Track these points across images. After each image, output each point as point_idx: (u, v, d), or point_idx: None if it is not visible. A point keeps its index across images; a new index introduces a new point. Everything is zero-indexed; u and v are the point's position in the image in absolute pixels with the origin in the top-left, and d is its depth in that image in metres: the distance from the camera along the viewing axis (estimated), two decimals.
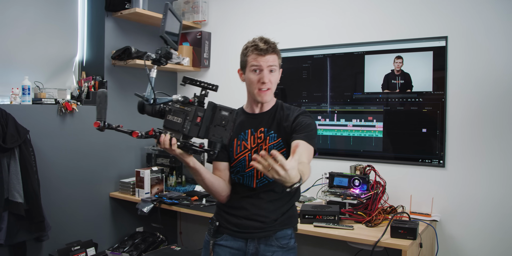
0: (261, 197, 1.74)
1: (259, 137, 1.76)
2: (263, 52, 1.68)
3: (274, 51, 1.72)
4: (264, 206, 1.74)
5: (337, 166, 2.82)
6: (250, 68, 1.71)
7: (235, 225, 1.74)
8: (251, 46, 1.71)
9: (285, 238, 1.77)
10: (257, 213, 1.73)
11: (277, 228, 1.74)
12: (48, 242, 2.79)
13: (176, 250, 2.93)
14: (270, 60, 1.70)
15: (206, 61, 3.60)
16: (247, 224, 1.73)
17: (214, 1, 3.61)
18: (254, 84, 1.71)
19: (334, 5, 3.00)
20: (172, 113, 1.57)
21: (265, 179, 1.73)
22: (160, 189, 3.23)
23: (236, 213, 1.75)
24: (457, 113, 2.57)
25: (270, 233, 1.73)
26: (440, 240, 2.57)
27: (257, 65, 1.68)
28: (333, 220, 2.38)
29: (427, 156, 2.66)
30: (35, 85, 2.85)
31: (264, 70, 1.69)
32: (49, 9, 3.07)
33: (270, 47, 1.70)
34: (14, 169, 2.51)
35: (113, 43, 3.25)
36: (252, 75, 1.71)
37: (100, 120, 1.51)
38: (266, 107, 1.81)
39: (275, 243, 1.74)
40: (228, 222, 1.76)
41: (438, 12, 2.61)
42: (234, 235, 1.75)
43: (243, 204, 1.75)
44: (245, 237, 1.74)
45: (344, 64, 2.95)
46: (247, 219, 1.73)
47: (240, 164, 1.76)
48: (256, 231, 1.72)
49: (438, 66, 2.61)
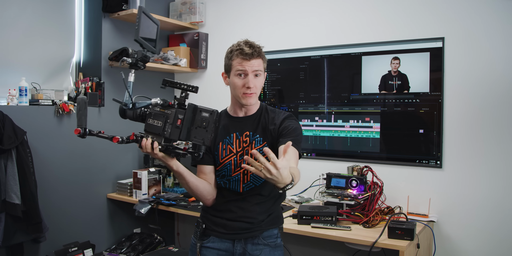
0: (248, 201, 1.75)
1: (244, 141, 1.75)
2: (248, 56, 1.66)
3: (259, 55, 1.69)
4: (251, 209, 1.74)
5: (334, 167, 2.83)
6: (235, 72, 1.69)
7: (222, 226, 1.75)
8: (236, 50, 1.68)
9: (272, 237, 1.78)
10: (244, 215, 1.74)
11: (264, 228, 1.76)
12: (45, 244, 2.78)
13: (173, 251, 2.93)
14: (255, 64, 1.68)
15: (203, 62, 3.60)
16: (234, 225, 1.73)
17: (211, 2, 3.61)
18: (239, 88, 1.68)
19: (331, 6, 3.01)
20: (153, 117, 1.55)
21: (252, 184, 1.73)
22: (157, 190, 3.23)
23: (223, 215, 1.76)
24: (454, 114, 2.58)
25: (257, 233, 1.74)
26: (438, 241, 2.57)
27: (242, 69, 1.66)
28: (331, 221, 2.38)
29: (424, 157, 2.67)
30: (32, 86, 2.85)
31: (249, 75, 1.67)
32: (46, 10, 3.07)
33: (255, 51, 1.67)
34: (11, 170, 2.50)
35: (110, 44, 3.25)
36: (237, 79, 1.68)
37: (81, 127, 1.50)
38: (251, 111, 1.79)
39: (262, 241, 1.75)
40: (214, 224, 1.76)
41: (435, 13, 2.62)
42: (221, 236, 1.75)
43: (230, 207, 1.75)
44: (232, 238, 1.74)
45: (341, 65, 2.96)
46: (234, 220, 1.74)
47: (226, 168, 1.76)
48: (243, 231, 1.73)
49: (435, 67, 2.62)
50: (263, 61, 1.72)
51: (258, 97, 1.77)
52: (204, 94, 3.64)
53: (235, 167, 1.74)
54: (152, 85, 3.62)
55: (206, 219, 1.80)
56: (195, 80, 3.72)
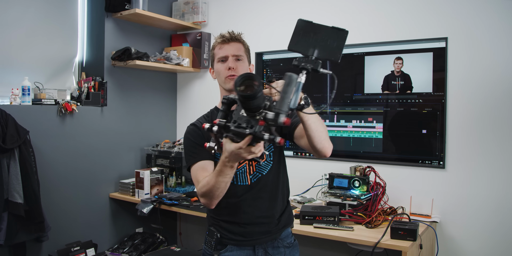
0: (260, 196, 1.69)
1: None
2: (226, 39, 1.68)
3: (239, 40, 1.71)
4: (263, 206, 1.69)
5: (337, 167, 2.82)
6: (217, 59, 1.70)
7: (240, 234, 1.68)
8: (216, 38, 1.72)
9: (288, 237, 1.77)
10: (259, 215, 1.68)
11: (281, 229, 1.73)
12: (47, 243, 2.79)
13: (175, 250, 2.93)
14: (235, 47, 1.69)
15: (206, 62, 3.60)
16: (253, 231, 1.67)
17: (214, 2, 3.61)
18: (222, 72, 1.68)
19: (333, 6, 3.00)
20: None
21: (258, 173, 1.69)
22: (159, 189, 3.23)
23: (237, 220, 1.68)
24: (457, 114, 2.57)
25: (276, 235, 1.71)
26: (440, 241, 2.56)
27: (223, 55, 1.68)
28: (333, 221, 2.38)
29: (427, 157, 2.66)
30: (35, 85, 2.85)
31: (230, 58, 1.67)
32: (49, 10, 3.07)
33: (233, 35, 1.69)
34: (14, 169, 2.50)
35: (113, 44, 3.25)
36: (219, 65, 1.69)
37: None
38: None
39: (281, 243, 1.72)
40: (231, 232, 1.68)
41: (438, 13, 2.61)
42: (240, 244, 1.68)
43: (242, 207, 1.68)
44: (253, 244, 1.68)
45: (344, 65, 2.95)
46: (251, 224, 1.68)
47: None
48: (262, 236, 1.68)
49: (438, 67, 2.62)
50: (244, 47, 1.73)
51: None
52: (206, 94, 3.66)
53: None
54: (155, 84, 3.63)
55: (220, 227, 1.71)
56: (197, 80, 3.72)
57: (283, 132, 1.68)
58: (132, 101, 3.44)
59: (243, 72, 1.53)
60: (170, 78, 3.79)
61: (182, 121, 3.83)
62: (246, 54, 1.75)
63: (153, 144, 3.56)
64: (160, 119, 3.70)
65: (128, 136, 3.41)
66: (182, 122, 3.82)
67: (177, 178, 3.35)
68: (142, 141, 3.53)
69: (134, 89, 3.46)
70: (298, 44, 1.40)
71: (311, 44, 1.39)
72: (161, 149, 3.42)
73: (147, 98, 3.56)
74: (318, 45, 1.40)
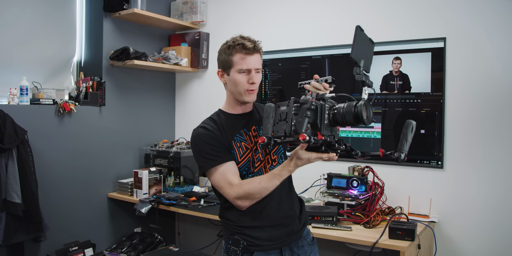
0: (280, 197, 1.68)
1: (254, 135, 1.71)
2: (250, 50, 1.62)
3: (259, 50, 1.67)
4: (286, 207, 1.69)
5: (335, 167, 2.82)
6: (237, 70, 1.64)
7: (266, 239, 1.64)
8: (237, 45, 1.63)
9: (308, 234, 1.80)
10: (283, 216, 1.67)
11: (302, 227, 1.74)
12: (46, 243, 2.79)
13: (174, 250, 2.92)
14: (257, 60, 1.65)
15: (204, 62, 3.60)
16: (278, 234, 1.65)
17: (212, 2, 3.61)
18: (243, 84, 1.64)
19: (332, 6, 3.00)
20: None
21: None
22: (158, 189, 3.23)
23: (262, 224, 1.65)
24: (456, 114, 2.57)
25: (299, 234, 1.72)
26: (438, 242, 2.57)
27: (247, 67, 1.63)
28: (331, 221, 2.38)
29: (425, 157, 2.66)
30: (33, 85, 2.85)
31: (253, 71, 1.64)
32: (47, 9, 3.07)
33: (255, 45, 1.65)
34: (12, 169, 2.50)
35: (111, 44, 3.25)
36: (240, 76, 1.64)
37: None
38: (249, 107, 1.77)
39: (305, 242, 1.74)
40: (257, 239, 1.64)
41: (437, 13, 2.62)
42: (267, 249, 1.65)
43: (268, 210, 1.65)
44: (279, 246, 1.67)
45: (342, 65, 2.96)
46: (274, 226, 1.66)
47: (246, 166, 1.68)
48: (288, 237, 1.68)
49: (436, 67, 2.62)
50: (261, 56, 1.71)
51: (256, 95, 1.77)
52: (205, 93, 3.66)
53: (253, 163, 1.68)
54: (153, 84, 3.63)
55: (244, 235, 1.65)
56: (196, 79, 3.72)
57: None
58: (130, 101, 3.44)
59: (259, 83, 1.68)
60: (168, 78, 3.79)
61: (180, 121, 3.82)
62: (261, 62, 1.72)
63: (152, 144, 3.56)
64: (159, 119, 3.70)
65: (127, 136, 3.41)
66: (181, 122, 3.82)
67: (175, 178, 3.34)
68: (141, 141, 3.53)
69: (133, 89, 3.46)
70: (357, 53, 1.42)
71: (361, 55, 1.44)
72: (159, 149, 3.41)
73: (146, 98, 3.56)
74: (364, 56, 1.44)
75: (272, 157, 1.72)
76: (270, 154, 1.72)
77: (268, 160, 1.71)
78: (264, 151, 1.70)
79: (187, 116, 3.77)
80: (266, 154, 1.71)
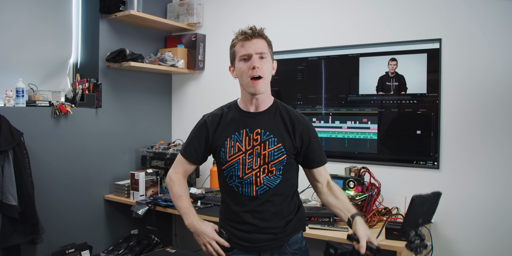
0: (266, 208, 1.64)
1: (255, 139, 1.63)
2: (249, 35, 1.56)
3: (262, 36, 1.60)
4: (270, 219, 1.65)
5: (331, 168, 2.81)
6: (239, 58, 1.59)
7: (246, 240, 1.66)
8: (238, 35, 1.61)
9: (297, 242, 1.72)
10: (265, 226, 1.64)
11: (288, 235, 1.69)
12: (42, 245, 2.77)
13: (171, 252, 2.92)
14: (259, 45, 1.57)
15: (200, 63, 3.60)
16: (258, 238, 1.64)
17: (208, 3, 3.62)
18: (246, 72, 1.57)
19: (328, 7, 3.01)
20: None
21: (266, 186, 1.64)
22: (155, 191, 3.22)
23: (244, 228, 1.66)
24: (452, 115, 2.58)
25: (282, 242, 1.68)
26: (435, 242, 2.57)
27: (246, 53, 1.57)
28: (328, 222, 2.38)
29: (421, 158, 2.67)
30: (29, 87, 2.84)
31: (253, 56, 1.56)
32: (43, 11, 3.06)
33: (256, 32, 1.58)
34: (8, 171, 2.49)
35: (107, 45, 3.25)
36: (242, 64, 1.58)
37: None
38: (263, 106, 1.67)
39: (288, 250, 1.69)
40: (237, 238, 1.67)
41: (432, 14, 2.63)
42: (245, 250, 1.67)
43: (248, 219, 1.64)
44: (258, 250, 1.66)
45: (338, 66, 2.96)
46: (257, 233, 1.65)
47: (233, 168, 1.64)
48: (268, 243, 1.65)
49: (432, 68, 2.63)
50: (267, 44, 1.62)
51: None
52: (201, 95, 3.66)
53: (243, 166, 1.63)
54: (150, 86, 3.62)
55: (229, 231, 1.71)
56: (192, 81, 3.72)
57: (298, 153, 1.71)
58: (127, 103, 3.43)
59: (268, 71, 1.61)
60: (165, 79, 3.79)
61: (177, 123, 3.82)
62: (270, 50, 1.64)
63: (148, 145, 3.55)
64: (155, 120, 3.70)
65: (123, 137, 3.40)
66: (177, 123, 3.82)
67: None
68: (137, 143, 3.52)
69: (129, 90, 3.45)
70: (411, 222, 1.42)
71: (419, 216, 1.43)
72: (156, 151, 3.41)
73: (142, 100, 3.56)
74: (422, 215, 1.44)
75: (270, 168, 1.64)
76: (268, 165, 1.63)
77: (263, 170, 1.64)
78: (262, 159, 1.63)
79: (183, 118, 3.76)
80: (264, 163, 1.63)
